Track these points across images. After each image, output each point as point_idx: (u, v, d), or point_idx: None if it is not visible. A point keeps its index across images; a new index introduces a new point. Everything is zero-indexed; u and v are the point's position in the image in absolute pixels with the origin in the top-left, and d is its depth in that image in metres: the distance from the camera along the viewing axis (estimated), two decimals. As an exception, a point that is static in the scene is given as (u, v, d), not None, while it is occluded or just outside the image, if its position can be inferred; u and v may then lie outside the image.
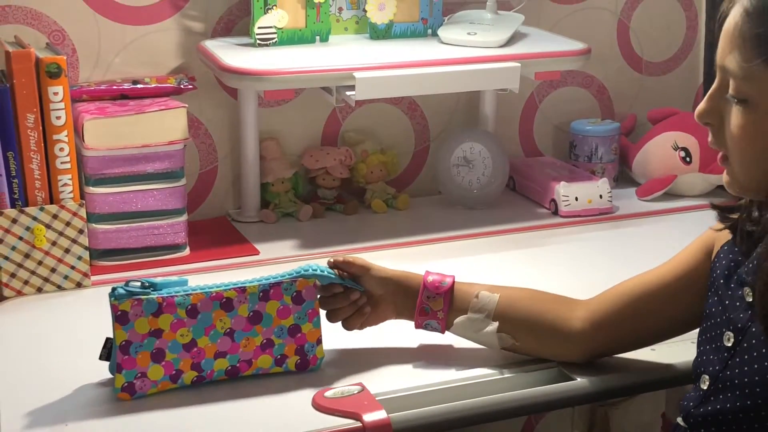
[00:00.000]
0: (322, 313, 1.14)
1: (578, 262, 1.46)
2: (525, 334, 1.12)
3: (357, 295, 1.13)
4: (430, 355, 1.17)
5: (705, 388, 0.96)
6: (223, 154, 1.64)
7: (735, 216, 0.98)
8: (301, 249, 1.50)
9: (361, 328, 1.16)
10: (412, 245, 1.52)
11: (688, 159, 1.72)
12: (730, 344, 0.94)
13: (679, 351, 1.12)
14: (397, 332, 1.19)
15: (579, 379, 1.11)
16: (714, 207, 1.00)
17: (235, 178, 1.65)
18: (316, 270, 1.11)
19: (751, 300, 0.92)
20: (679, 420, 1.00)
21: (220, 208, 1.65)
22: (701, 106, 0.93)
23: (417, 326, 1.16)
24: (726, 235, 0.99)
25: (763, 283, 0.88)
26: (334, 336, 1.16)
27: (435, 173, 1.71)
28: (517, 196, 1.74)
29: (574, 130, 1.78)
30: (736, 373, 0.93)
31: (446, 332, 1.16)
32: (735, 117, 0.90)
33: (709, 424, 0.95)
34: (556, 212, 1.65)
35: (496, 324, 1.12)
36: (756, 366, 0.91)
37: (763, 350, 0.91)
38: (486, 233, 1.57)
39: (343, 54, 1.54)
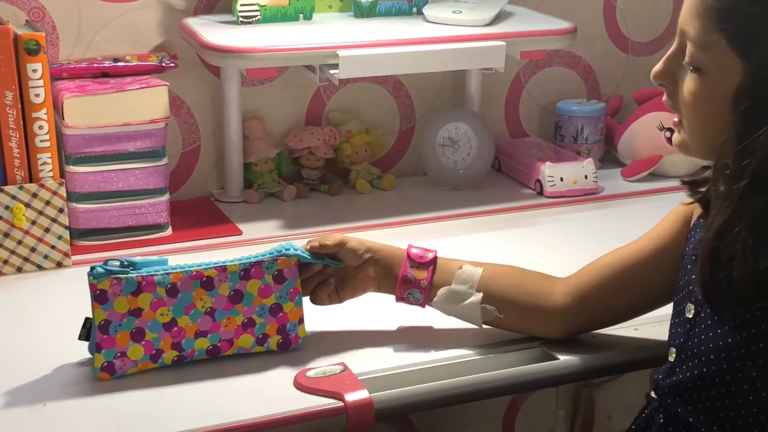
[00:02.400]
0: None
1: (563, 243, 1.45)
2: (507, 308, 1.12)
3: (320, 267, 1.12)
4: (413, 334, 1.16)
5: (672, 360, 0.98)
6: (205, 133, 1.63)
7: (704, 190, 0.98)
8: (284, 229, 1.49)
9: (340, 301, 1.15)
10: (396, 225, 1.52)
11: (673, 139, 1.72)
12: (690, 316, 0.96)
13: (662, 331, 1.11)
14: (379, 312, 1.19)
15: (562, 358, 1.10)
16: (684, 182, 1.02)
17: (218, 158, 1.63)
18: (297, 250, 1.10)
19: None
20: (652, 393, 1.02)
21: (203, 188, 1.64)
22: (657, 67, 0.96)
23: (398, 298, 1.14)
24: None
25: (702, 253, 0.90)
26: (316, 316, 1.15)
27: (420, 153, 1.71)
28: (503, 177, 1.73)
29: (560, 111, 1.77)
30: (695, 343, 0.94)
31: (427, 306, 1.14)
32: (688, 83, 0.92)
33: (674, 393, 0.97)
34: (541, 193, 1.64)
35: (480, 295, 1.11)
36: (711, 334, 0.93)
37: (715, 319, 0.92)
38: (471, 214, 1.57)
39: (327, 32, 1.52)
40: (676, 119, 0.97)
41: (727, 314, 0.91)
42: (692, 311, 0.96)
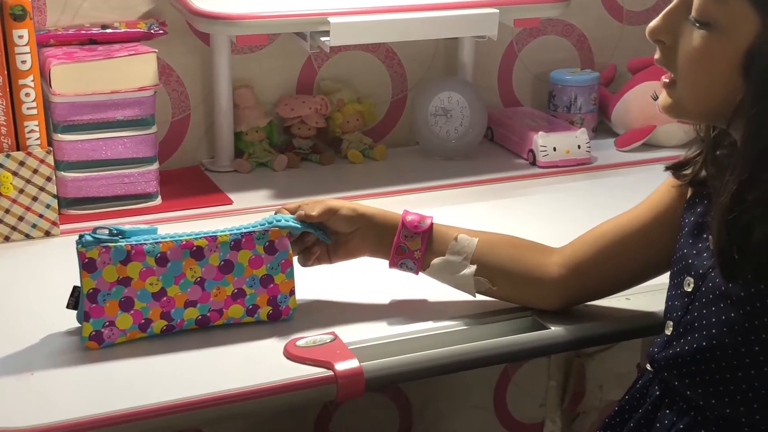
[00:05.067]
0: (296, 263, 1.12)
1: (556, 213, 1.45)
2: (502, 279, 1.11)
3: (301, 234, 1.10)
4: (404, 304, 1.16)
5: (669, 333, 0.97)
6: (195, 102, 1.61)
7: (688, 171, 0.97)
8: (275, 199, 1.48)
9: (331, 263, 1.14)
10: (388, 195, 1.51)
11: (667, 109, 1.71)
12: (690, 289, 0.95)
13: (654, 300, 1.12)
14: (370, 282, 1.18)
15: (554, 328, 1.10)
16: (668, 168, 1.00)
17: (209, 127, 1.62)
18: (288, 221, 1.09)
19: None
20: (648, 366, 1.01)
21: (193, 157, 1.62)
22: (656, 22, 0.90)
23: (391, 265, 1.14)
24: None
25: (718, 220, 0.87)
26: (306, 285, 1.14)
27: (412, 123, 1.69)
28: (495, 147, 1.72)
29: (554, 80, 1.75)
30: (695, 316, 0.93)
31: (420, 273, 1.14)
32: (694, 39, 0.87)
33: (671, 367, 0.96)
34: (534, 163, 1.63)
35: (473, 267, 1.11)
36: (712, 309, 0.91)
37: (717, 293, 0.91)
38: (463, 184, 1.56)
39: (318, -2, 1.51)
40: (666, 79, 0.92)
41: (733, 286, 0.89)
42: (691, 285, 0.95)
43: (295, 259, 1.11)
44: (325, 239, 1.12)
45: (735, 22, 0.84)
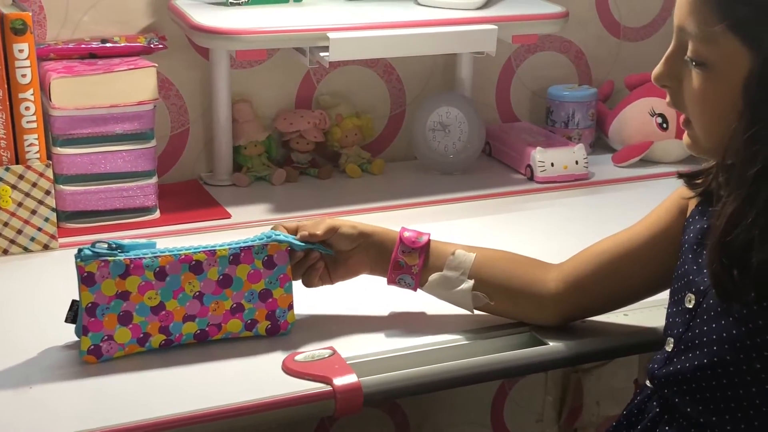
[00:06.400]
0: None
1: (553, 228, 1.45)
2: (499, 294, 1.11)
3: (303, 253, 1.10)
4: (403, 319, 1.16)
5: (669, 350, 0.97)
6: (194, 116, 1.61)
7: (700, 181, 0.98)
8: (273, 213, 1.49)
9: (332, 283, 1.14)
10: (386, 210, 1.51)
11: (664, 125, 1.71)
12: (691, 306, 0.95)
13: (652, 316, 1.12)
14: (369, 297, 1.18)
15: (552, 344, 1.10)
16: (680, 175, 1.01)
17: (207, 141, 1.62)
18: (287, 238, 1.09)
19: None
20: (647, 382, 1.01)
21: (192, 171, 1.63)
22: (658, 69, 0.93)
23: (390, 282, 1.14)
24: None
25: (714, 245, 0.88)
26: (305, 300, 1.15)
27: (411, 138, 1.70)
28: (493, 162, 1.72)
29: (551, 96, 1.76)
30: (696, 333, 0.93)
31: (418, 290, 1.14)
32: (694, 80, 0.90)
33: (672, 383, 0.96)
34: (531, 178, 1.63)
35: (471, 282, 1.11)
36: (714, 326, 0.92)
37: (719, 310, 0.91)
38: (461, 198, 1.56)
39: (318, 14, 1.51)
40: (683, 118, 0.94)
41: (734, 305, 0.90)
42: (692, 301, 0.95)
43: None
44: (327, 252, 1.12)
45: (729, 59, 0.87)
